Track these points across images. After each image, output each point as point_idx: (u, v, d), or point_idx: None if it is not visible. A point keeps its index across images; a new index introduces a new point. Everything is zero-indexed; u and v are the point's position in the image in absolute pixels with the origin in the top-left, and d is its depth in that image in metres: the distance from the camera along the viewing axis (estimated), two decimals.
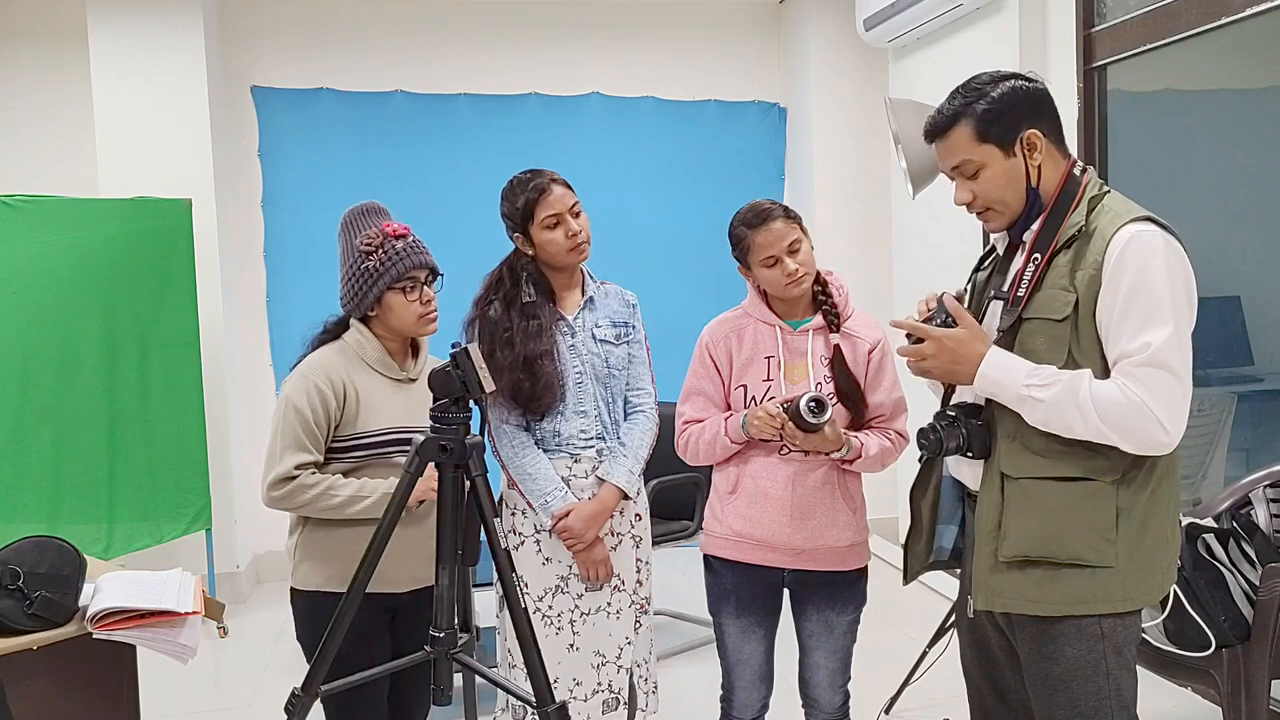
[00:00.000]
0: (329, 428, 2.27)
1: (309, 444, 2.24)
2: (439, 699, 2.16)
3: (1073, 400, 1.76)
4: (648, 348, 2.64)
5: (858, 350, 2.39)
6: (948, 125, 1.89)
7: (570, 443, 2.49)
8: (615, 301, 2.60)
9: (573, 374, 2.48)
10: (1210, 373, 3.68)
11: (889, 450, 2.37)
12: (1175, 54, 3.56)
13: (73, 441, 4.13)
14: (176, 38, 4.77)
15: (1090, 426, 1.76)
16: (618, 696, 2.54)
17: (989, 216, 1.93)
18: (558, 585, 2.51)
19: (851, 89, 5.49)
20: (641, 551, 2.59)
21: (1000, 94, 1.86)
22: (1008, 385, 1.82)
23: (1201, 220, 3.65)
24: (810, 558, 2.35)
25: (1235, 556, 2.55)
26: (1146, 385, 1.73)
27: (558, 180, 2.48)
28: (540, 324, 2.44)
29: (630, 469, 2.51)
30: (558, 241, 2.44)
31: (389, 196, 5.98)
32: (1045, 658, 1.87)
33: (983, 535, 1.90)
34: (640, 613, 2.58)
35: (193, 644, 2.15)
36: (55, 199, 4.14)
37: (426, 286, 2.34)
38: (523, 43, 5.52)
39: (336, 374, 2.28)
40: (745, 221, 2.36)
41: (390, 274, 2.28)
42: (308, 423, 2.24)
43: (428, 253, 2.37)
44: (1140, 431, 1.74)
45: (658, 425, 2.62)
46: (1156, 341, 1.73)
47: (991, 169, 1.87)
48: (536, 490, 2.46)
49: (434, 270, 2.37)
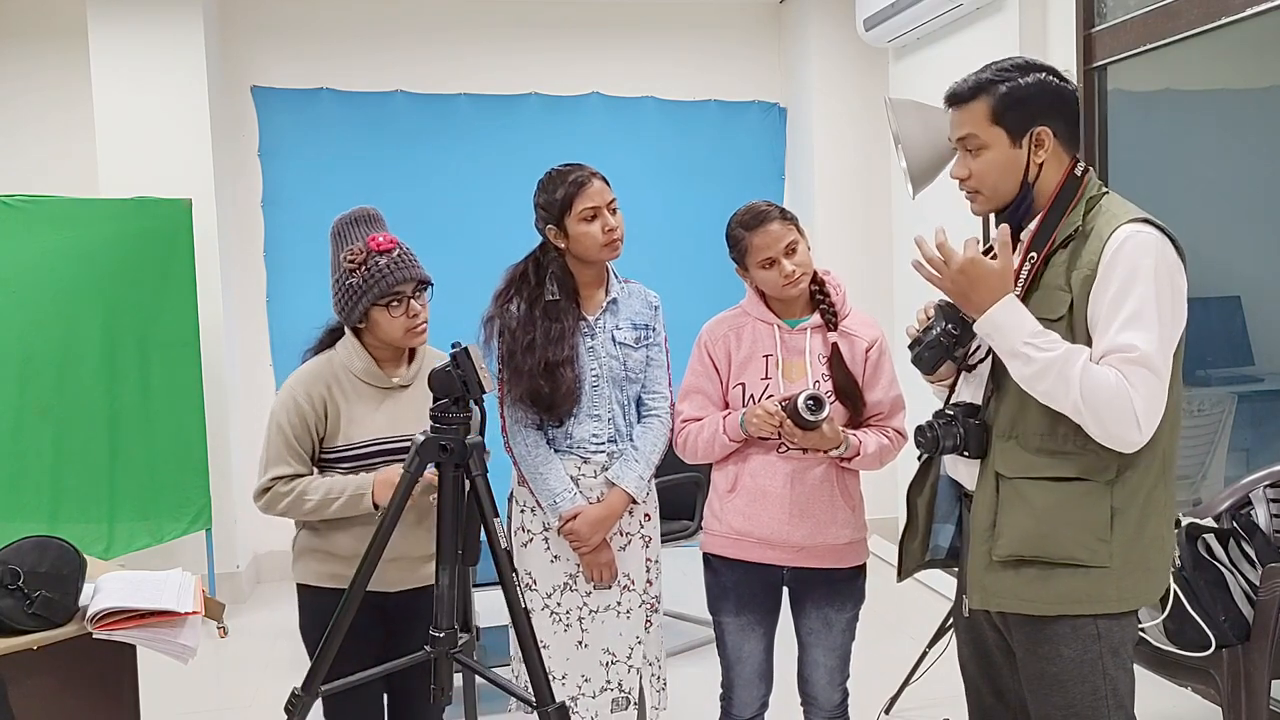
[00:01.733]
0: (313, 441, 2.31)
1: (290, 458, 2.29)
2: (439, 699, 2.16)
3: (1063, 371, 1.75)
4: (667, 350, 2.62)
5: (855, 348, 2.40)
6: (969, 96, 1.89)
7: (581, 446, 2.48)
8: (638, 302, 2.58)
9: (589, 377, 2.46)
10: (1210, 373, 3.68)
11: (887, 448, 2.38)
12: (1175, 54, 3.56)
13: (73, 441, 4.13)
14: (176, 37, 4.77)
15: (1070, 401, 1.75)
16: (628, 696, 2.53)
17: (975, 199, 1.94)
18: (566, 583, 2.51)
19: (851, 89, 5.49)
20: (651, 551, 2.59)
21: (1027, 83, 1.85)
22: (1010, 334, 1.80)
23: (1201, 220, 3.65)
24: (809, 555, 2.36)
25: (1235, 556, 2.55)
26: (1133, 383, 1.73)
27: (598, 175, 2.47)
28: (562, 328, 2.41)
29: (640, 474, 2.50)
30: (594, 235, 2.42)
31: (389, 196, 5.98)
32: (1041, 657, 1.87)
33: (977, 534, 1.90)
34: (651, 612, 2.58)
35: (193, 644, 2.16)
36: (55, 199, 4.14)
37: (414, 299, 2.32)
38: (523, 43, 5.52)
39: (317, 389, 2.31)
40: (742, 223, 2.37)
41: (373, 292, 2.28)
42: (288, 439, 2.29)
43: (414, 265, 2.33)
44: (1116, 422, 1.74)
45: (671, 429, 2.58)
46: (1146, 342, 1.73)
47: (993, 152, 1.87)
48: (546, 491, 2.46)
49: (423, 281, 2.35)
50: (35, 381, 4.04)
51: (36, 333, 4.04)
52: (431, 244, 2.41)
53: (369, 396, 2.35)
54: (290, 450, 2.29)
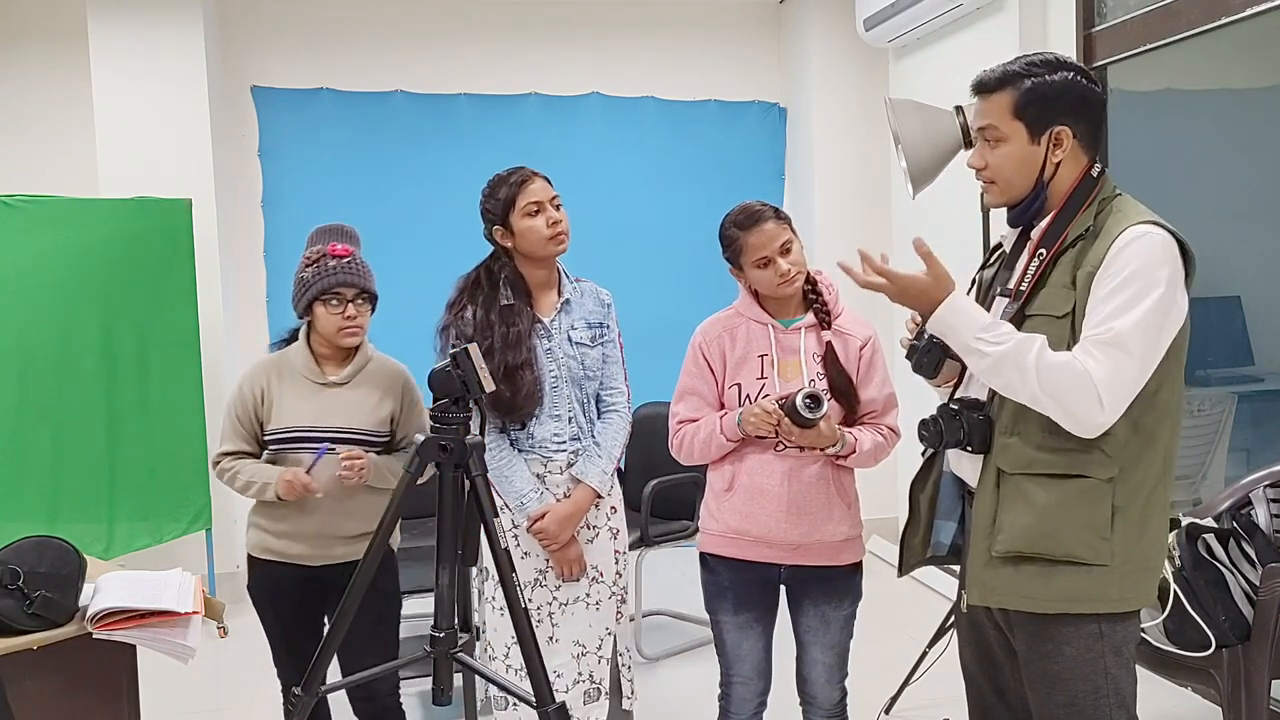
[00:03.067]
0: (254, 423, 2.58)
1: (234, 437, 2.58)
2: (439, 699, 2.17)
3: (1017, 362, 1.76)
4: (621, 345, 2.68)
5: (849, 347, 2.41)
6: (995, 86, 1.89)
7: (544, 445, 2.54)
8: (591, 301, 2.64)
9: (548, 378, 2.52)
10: (1210, 373, 3.68)
11: (881, 445, 2.40)
12: (1175, 54, 3.57)
13: (72, 441, 4.13)
14: (176, 38, 4.77)
15: (1028, 390, 1.76)
16: (599, 687, 2.58)
17: (990, 190, 1.95)
18: (536, 579, 2.57)
19: (851, 89, 5.49)
20: (619, 543, 2.65)
21: (1053, 81, 1.85)
22: (961, 332, 1.83)
23: (1201, 220, 3.65)
24: (806, 553, 2.37)
25: (1235, 556, 2.55)
26: (1098, 361, 1.73)
27: (539, 175, 2.56)
28: (519, 331, 2.48)
29: (604, 469, 2.57)
30: (538, 229, 2.47)
31: (389, 196, 5.98)
32: (1043, 656, 1.87)
33: (978, 530, 1.90)
34: (620, 603, 2.63)
35: (193, 644, 2.16)
36: (55, 199, 4.14)
37: (353, 304, 2.52)
38: (523, 43, 5.52)
39: (259, 380, 2.58)
40: (737, 223, 2.39)
41: (317, 286, 2.51)
42: (233, 420, 2.59)
43: (362, 274, 2.54)
44: (1077, 406, 1.74)
45: (630, 424, 2.67)
46: (1121, 323, 1.73)
47: (1011, 146, 1.88)
48: (514, 492, 2.52)
49: (365, 291, 2.54)
50: (35, 381, 4.04)
51: (36, 333, 4.04)
52: (430, 243, 2.44)
53: (303, 389, 2.55)
54: (235, 430, 2.58)
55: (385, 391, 2.57)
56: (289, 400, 2.54)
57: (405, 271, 5.43)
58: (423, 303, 5.12)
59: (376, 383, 2.57)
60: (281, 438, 2.53)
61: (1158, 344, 1.77)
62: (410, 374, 2.66)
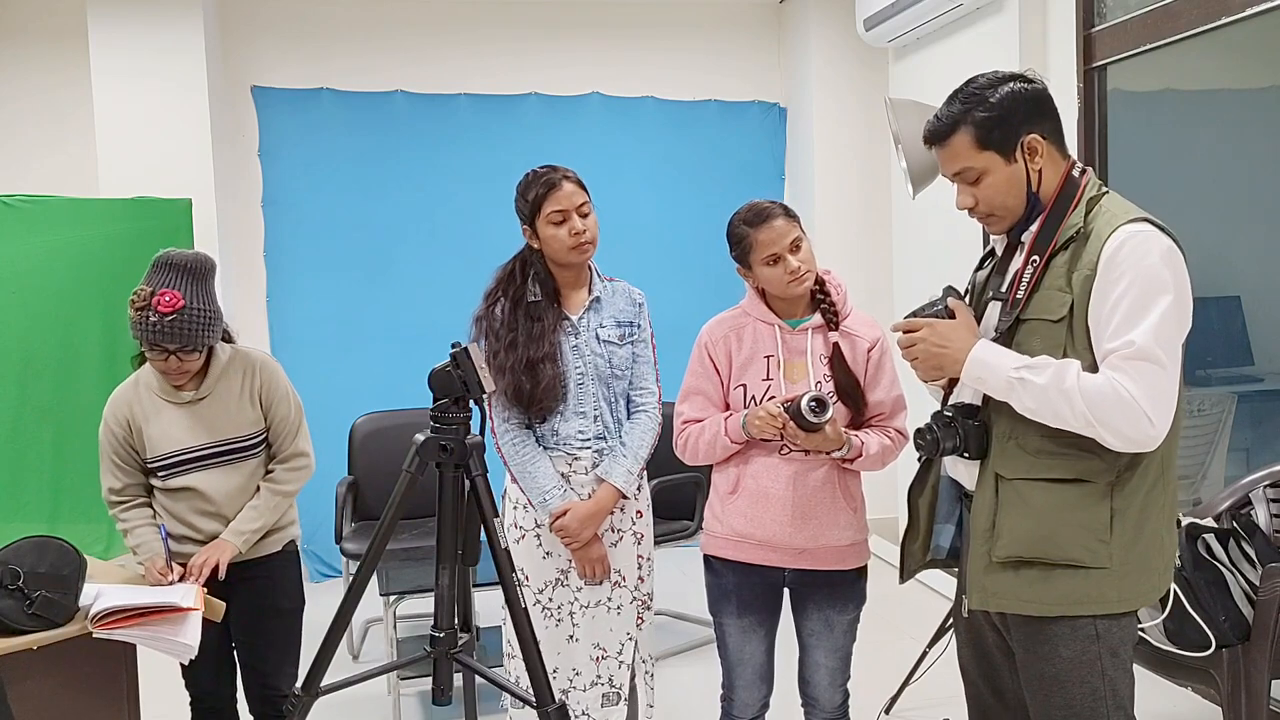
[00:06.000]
0: (131, 454, 2.52)
1: (115, 471, 2.54)
2: (439, 699, 2.16)
3: (1059, 387, 1.75)
4: (654, 346, 2.64)
5: (857, 348, 2.39)
6: (948, 132, 1.88)
7: (568, 442, 2.51)
8: (622, 300, 2.60)
9: (574, 375, 2.49)
10: (1210, 373, 3.68)
11: (889, 448, 2.37)
12: (1175, 54, 3.56)
13: (73, 441, 4.13)
14: (176, 38, 4.77)
15: (1078, 417, 1.75)
16: (618, 691, 2.55)
17: (990, 222, 1.93)
18: (558, 579, 2.54)
19: (851, 89, 5.49)
20: (643, 548, 2.60)
21: (1000, 99, 1.84)
22: (997, 370, 1.82)
23: (1201, 220, 3.65)
24: (811, 557, 2.35)
25: (1235, 556, 2.55)
26: (1133, 378, 1.72)
27: (570, 177, 2.49)
28: (543, 326, 2.46)
29: (629, 469, 2.52)
30: (560, 238, 2.45)
31: (389, 196, 5.96)
32: (1040, 658, 1.87)
33: (977, 535, 1.90)
34: (643, 609, 2.59)
35: (193, 643, 2.16)
36: (55, 199, 4.15)
37: (176, 356, 2.40)
38: (523, 43, 5.52)
39: (122, 412, 2.51)
40: (746, 220, 2.36)
41: (138, 339, 2.40)
42: (108, 456, 2.53)
43: (183, 335, 2.36)
44: (1127, 426, 1.73)
45: (660, 425, 2.62)
46: (1141, 335, 1.72)
47: (993, 175, 1.87)
48: (536, 488, 2.48)
49: (185, 348, 2.40)
50: (35, 381, 4.04)
51: (36, 333, 4.04)
52: (430, 243, 2.43)
53: (166, 411, 2.50)
54: (113, 465, 2.53)
55: (243, 391, 2.53)
56: (159, 426, 2.49)
57: (405, 271, 5.45)
58: (423, 301, 5.15)
59: (234, 385, 2.53)
60: (165, 464, 2.50)
61: (1178, 347, 1.78)
62: (261, 356, 2.62)
